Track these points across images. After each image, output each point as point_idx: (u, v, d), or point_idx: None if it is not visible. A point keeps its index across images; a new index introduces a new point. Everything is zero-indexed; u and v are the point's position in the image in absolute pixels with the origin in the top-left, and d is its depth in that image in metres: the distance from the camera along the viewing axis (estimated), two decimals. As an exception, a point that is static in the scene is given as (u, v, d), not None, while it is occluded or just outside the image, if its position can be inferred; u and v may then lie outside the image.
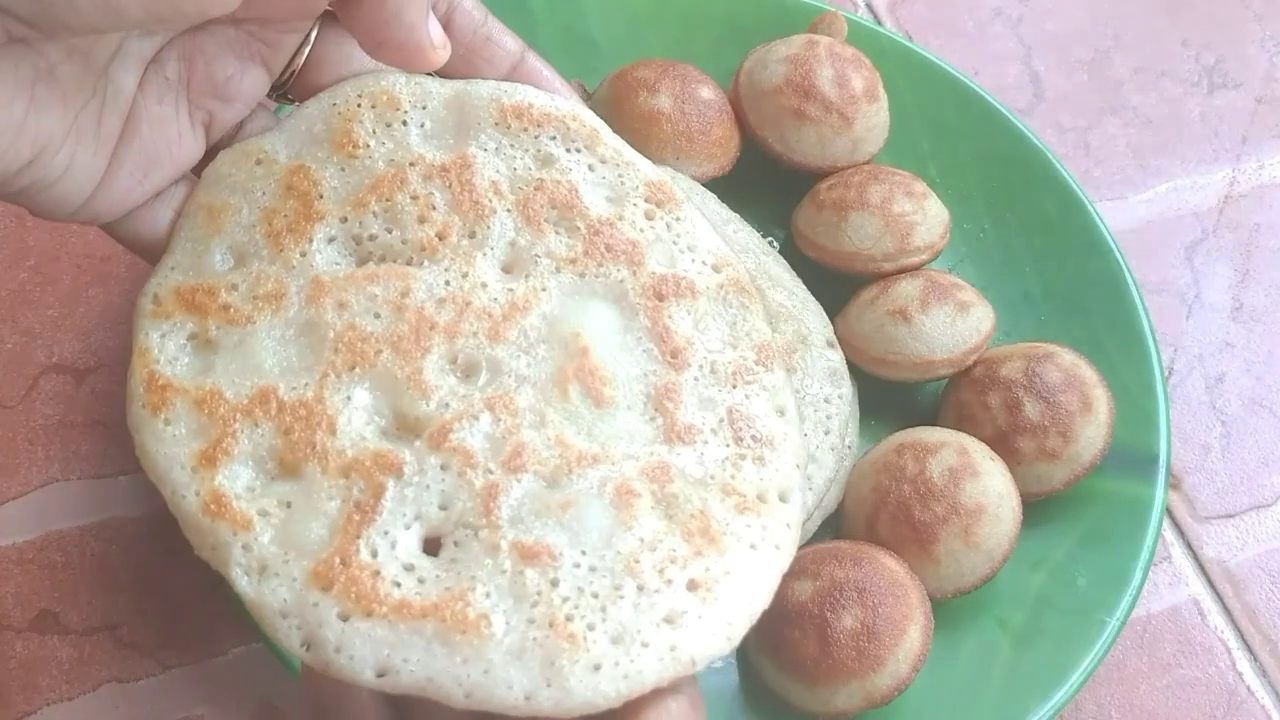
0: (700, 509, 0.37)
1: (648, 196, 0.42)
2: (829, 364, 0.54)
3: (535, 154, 0.42)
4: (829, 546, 0.50)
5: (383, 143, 0.41)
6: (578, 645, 0.34)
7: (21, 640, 0.52)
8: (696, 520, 0.37)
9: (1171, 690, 0.54)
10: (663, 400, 0.39)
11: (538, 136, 0.42)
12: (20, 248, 0.59)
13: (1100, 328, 0.57)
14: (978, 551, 0.50)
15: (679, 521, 0.37)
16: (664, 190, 0.43)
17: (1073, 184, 0.60)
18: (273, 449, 0.37)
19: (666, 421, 0.39)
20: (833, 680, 0.47)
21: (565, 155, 0.42)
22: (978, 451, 0.51)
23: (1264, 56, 0.72)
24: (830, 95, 0.57)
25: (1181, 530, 0.58)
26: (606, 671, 0.34)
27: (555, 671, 0.34)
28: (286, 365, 0.38)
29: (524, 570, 0.35)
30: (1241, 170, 0.68)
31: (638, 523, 0.37)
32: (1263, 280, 0.65)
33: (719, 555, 0.37)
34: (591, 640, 0.34)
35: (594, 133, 0.42)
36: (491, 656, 0.34)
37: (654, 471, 0.38)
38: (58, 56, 0.34)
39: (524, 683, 0.34)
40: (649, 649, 0.35)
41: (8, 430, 0.56)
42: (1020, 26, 0.72)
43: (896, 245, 0.55)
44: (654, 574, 0.36)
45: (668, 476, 0.38)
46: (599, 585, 0.35)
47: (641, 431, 0.39)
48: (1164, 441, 0.54)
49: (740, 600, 0.36)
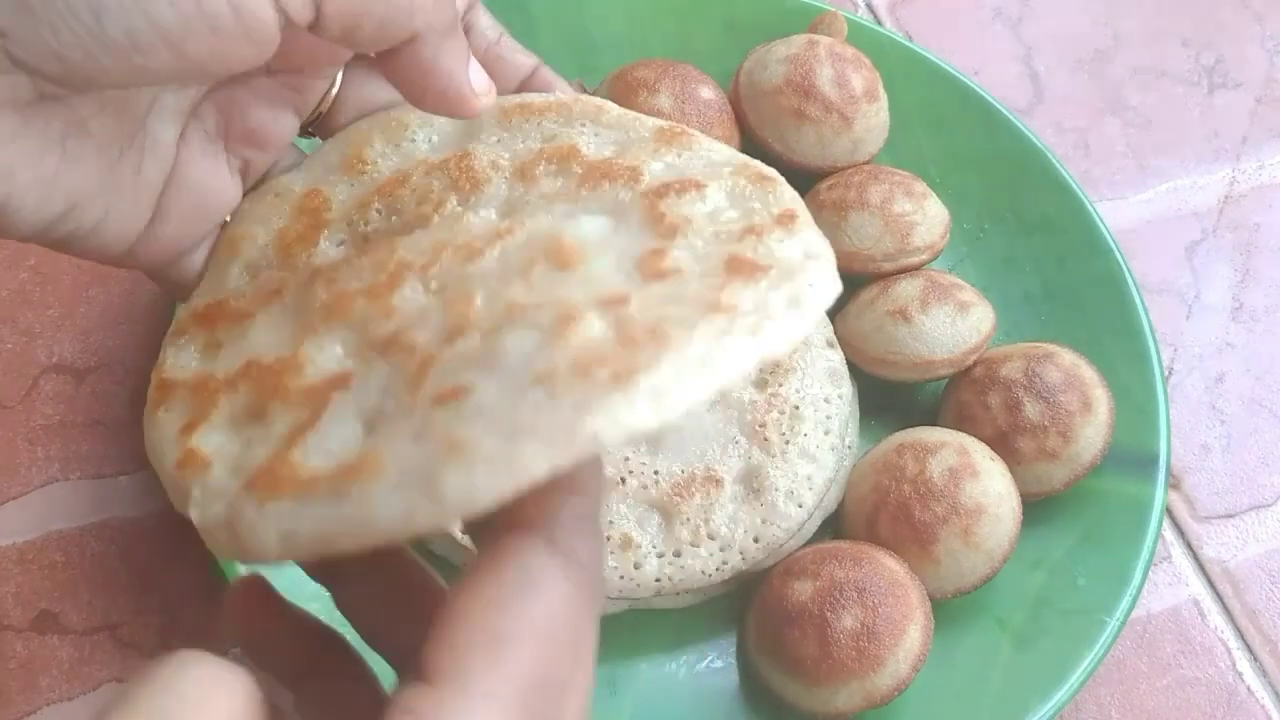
0: (657, 316, 0.31)
1: (655, 137, 0.40)
2: (829, 364, 0.54)
3: (539, 135, 0.41)
4: (829, 546, 0.50)
5: (390, 158, 0.42)
6: (460, 453, 0.29)
7: (21, 640, 0.52)
8: (648, 329, 0.31)
9: (1171, 690, 0.54)
10: (646, 261, 0.34)
11: (540, 123, 0.42)
12: (20, 248, 0.59)
13: (1100, 328, 0.57)
14: (978, 551, 0.50)
15: (624, 332, 0.32)
16: (673, 130, 0.40)
17: (1073, 184, 0.60)
18: (246, 405, 0.36)
19: (643, 272, 0.34)
20: (833, 680, 0.47)
21: (568, 129, 0.41)
22: (978, 451, 0.51)
23: (1264, 56, 0.72)
24: (830, 95, 0.57)
25: (1181, 530, 0.58)
26: (483, 468, 0.29)
27: (432, 483, 0.29)
28: (277, 340, 0.38)
29: (432, 413, 0.31)
30: (1241, 170, 0.68)
31: (568, 340, 0.31)
32: (1263, 280, 0.65)
33: (662, 349, 0.30)
34: (476, 446, 0.29)
35: (599, 107, 0.42)
36: (376, 492, 0.30)
37: (608, 299, 0.32)
38: (90, 110, 0.35)
39: (402, 504, 0.30)
40: (538, 436, 0.29)
41: (8, 430, 0.56)
42: (1020, 26, 0.72)
43: (896, 245, 0.55)
44: (570, 377, 0.30)
45: (624, 301, 0.32)
46: (503, 402, 0.30)
47: (610, 277, 0.33)
48: (1164, 441, 0.54)
49: (685, 362, 0.30)
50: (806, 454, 0.51)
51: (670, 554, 0.50)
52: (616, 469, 0.50)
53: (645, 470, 0.50)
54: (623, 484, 0.50)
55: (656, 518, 0.50)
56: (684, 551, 0.50)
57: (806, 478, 0.51)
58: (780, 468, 0.51)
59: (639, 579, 0.49)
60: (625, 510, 0.50)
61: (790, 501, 0.51)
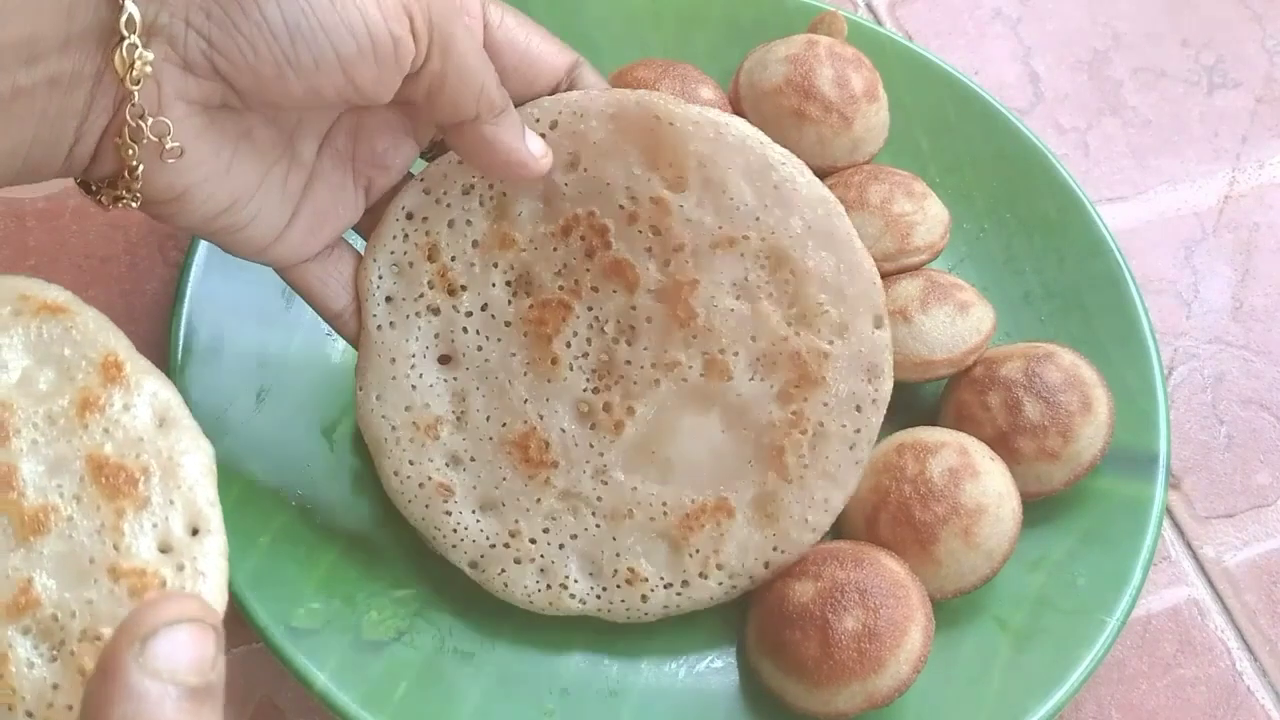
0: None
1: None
2: (867, 356, 0.48)
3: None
4: (829, 547, 0.50)
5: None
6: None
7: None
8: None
9: (1171, 690, 0.54)
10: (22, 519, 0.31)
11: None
12: (20, 248, 0.59)
13: (1100, 328, 0.57)
14: (978, 551, 0.50)
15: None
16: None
17: (1073, 184, 0.60)
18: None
19: (19, 532, 0.30)
20: (834, 682, 0.47)
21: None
22: (978, 451, 0.51)
23: (1264, 56, 0.72)
24: (830, 95, 0.57)
25: (1181, 530, 0.58)
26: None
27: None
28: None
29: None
30: (1241, 170, 0.68)
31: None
32: (1263, 280, 0.65)
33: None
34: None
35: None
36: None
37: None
38: (256, 122, 0.41)
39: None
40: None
41: (8, 430, 0.56)
42: (1020, 26, 0.72)
43: (896, 245, 0.55)
44: None
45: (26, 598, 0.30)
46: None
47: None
48: (1164, 441, 0.54)
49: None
50: (827, 475, 0.48)
51: (678, 584, 0.49)
52: (624, 500, 0.48)
53: (654, 502, 0.48)
54: (630, 516, 0.48)
55: (664, 548, 0.48)
56: (692, 582, 0.49)
57: (824, 500, 0.48)
58: (796, 493, 0.48)
59: (647, 609, 0.49)
60: (632, 543, 0.48)
61: (804, 529, 0.49)
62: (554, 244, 0.47)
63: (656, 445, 0.48)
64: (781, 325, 0.47)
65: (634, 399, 0.48)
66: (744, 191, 0.46)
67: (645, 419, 0.48)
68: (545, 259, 0.47)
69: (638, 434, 0.48)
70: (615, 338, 0.48)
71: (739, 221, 0.47)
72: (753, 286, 0.47)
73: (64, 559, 0.31)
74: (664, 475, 0.48)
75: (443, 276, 0.47)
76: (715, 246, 0.47)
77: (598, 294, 0.47)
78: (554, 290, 0.47)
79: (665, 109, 0.46)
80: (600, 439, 0.48)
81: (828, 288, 0.47)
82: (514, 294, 0.48)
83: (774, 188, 0.46)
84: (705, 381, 0.48)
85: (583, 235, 0.47)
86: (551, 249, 0.47)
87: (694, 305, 0.47)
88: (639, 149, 0.46)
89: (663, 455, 0.48)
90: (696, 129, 0.46)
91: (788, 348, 0.47)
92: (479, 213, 0.47)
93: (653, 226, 0.47)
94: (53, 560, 0.31)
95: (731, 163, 0.46)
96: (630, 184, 0.47)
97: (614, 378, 0.48)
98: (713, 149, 0.46)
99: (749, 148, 0.46)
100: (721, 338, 0.47)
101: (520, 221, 0.47)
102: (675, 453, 0.48)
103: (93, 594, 0.31)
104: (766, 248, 0.47)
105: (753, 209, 0.46)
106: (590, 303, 0.47)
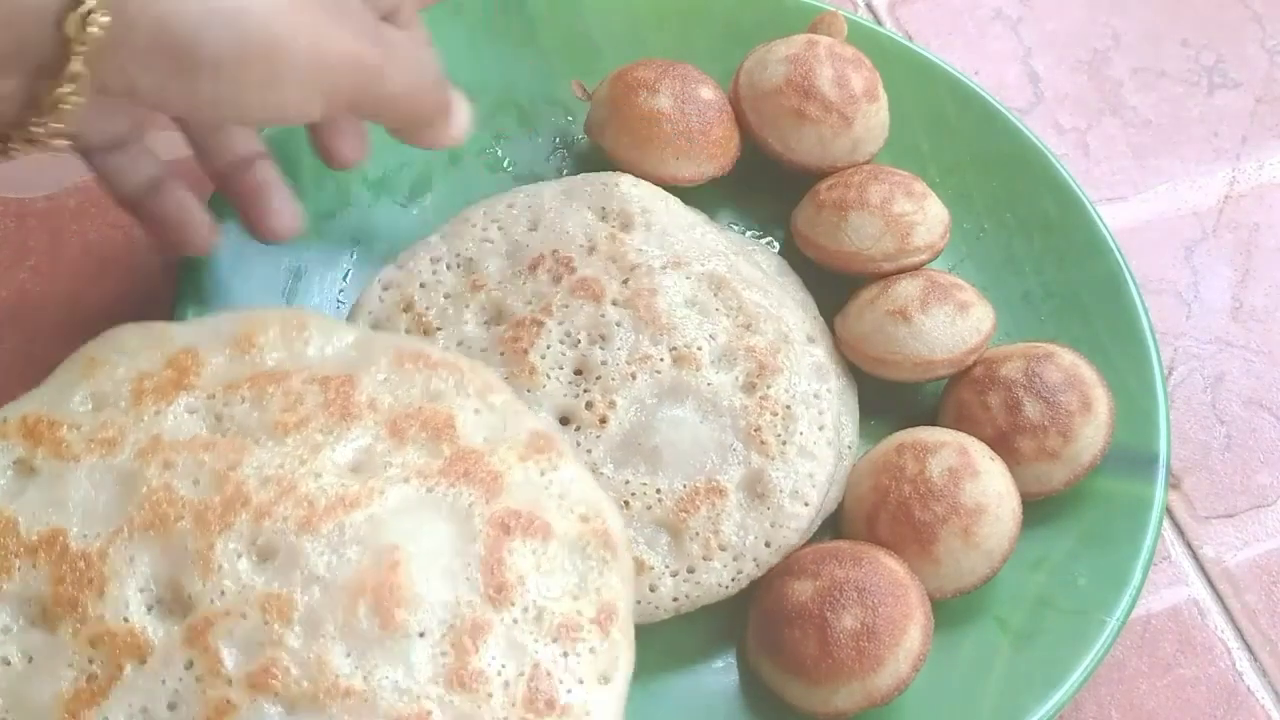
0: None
1: (527, 442, 0.41)
2: (812, 359, 0.53)
3: (425, 389, 0.41)
4: (829, 546, 0.50)
5: (277, 349, 0.41)
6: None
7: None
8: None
9: (1171, 690, 0.54)
10: (464, 636, 0.36)
11: (430, 378, 0.41)
12: (20, 248, 0.59)
13: (1100, 328, 0.57)
14: (978, 551, 0.50)
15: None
16: (546, 439, 0.41)
17: (1073, 184, 0.60)
18: (39, 595, 0.36)
19: (456, 661, 0.35)
20: (833, 680, 0.47)
21: (454, 395, 0.41)
22: (978, 451, 0.51)
23: (1264, 56, 0.72)
24: (830, 95, 0.57)
25: (1181, 530, 0.58)
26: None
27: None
28: (89, 510, 0.37)
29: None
30: (1241, 170, 0.68)
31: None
32: (1263, 280, 0.65)
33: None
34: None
35: (487, 385, 0.42)
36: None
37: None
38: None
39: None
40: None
41: (8, 430, 0.56)
42: (1020, 26, 0.72)
43: (896, 245, 0.55)
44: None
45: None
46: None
47: (422, 668, 0.35)
48: (1164, 441, 0.54)
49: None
50: (805, 452, 0.51)
51: (684, 570, 0.49)
52: (619, 493, 0.49)
53: (647, 490, 0.50)
54: (627, 507, 0.49)
55: (665, 536, 0.49)
56: (697, 567, 0.49)
57: (809, 475, 0.51)
58: (781, 469, 0.50)
59: (656, 601, 0.49)
60: (634, 534, 0.49)
61: (796, 501, 0.50)
62: (523, 279, 0.52)
63: (642, 437, 0.50)
64: (734, 328, 0.52)
65: (614, 393, 0.50)
66: (682, 240, 0.54)
67: (627, 412, 0.50)
68: (515, 292, 0.52)
69: (621, 429, 0.50)
70: (589, 344, 0.51)
71: (681, 254, 0.53)
72: (703, 301, 0.52)
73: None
74: (653, 465, 0.50)
75: (418, 322, 0.52)
76: (665, 268, 0.53)
77: (568, 309, 0.52)
78: (526, 312, 0.52)
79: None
80: (587, 437, 0.50)
81: (763, 308, 0.53)
82: (488, 328, 0.52)
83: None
84: (678, 372, 0.51)
85: (549, 269, 0.52)
86: (521, 283, 0.52)
87: (657, 308, 0.52)
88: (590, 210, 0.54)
89: (649, 446, 0.50)
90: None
91: (743, 344, 0.52)
92: (447, 274, 0.53)
93: (609, 255, 0.53)
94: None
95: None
96: (586, 229, 0.53)
97: (592, 378, 0.51)
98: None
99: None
100: (686, 334, 0.52)
101: (489, 273, 0.53)
102: (661, 441, 0.50)
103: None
104: (707, 273, 0.53)
105: (688, 245, 0.54)
106: (561, 318, 0.51)
